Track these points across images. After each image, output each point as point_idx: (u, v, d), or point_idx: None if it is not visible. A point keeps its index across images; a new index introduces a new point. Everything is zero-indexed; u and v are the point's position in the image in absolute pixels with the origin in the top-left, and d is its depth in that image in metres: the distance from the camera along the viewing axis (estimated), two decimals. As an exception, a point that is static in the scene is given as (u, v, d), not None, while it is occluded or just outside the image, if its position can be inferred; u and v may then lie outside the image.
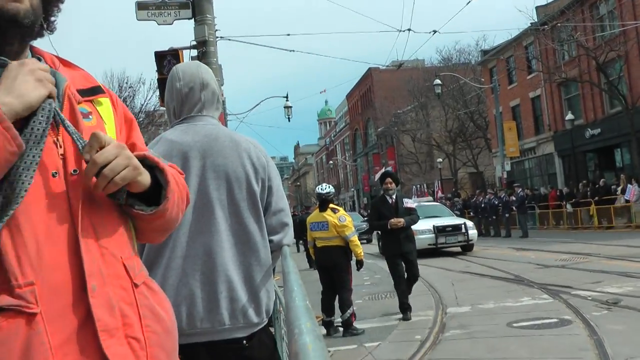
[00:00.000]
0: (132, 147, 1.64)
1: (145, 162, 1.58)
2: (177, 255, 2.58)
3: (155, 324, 1.56)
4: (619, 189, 26.98)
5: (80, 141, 1.47)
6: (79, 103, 1.57)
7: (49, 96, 1.43)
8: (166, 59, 11.73)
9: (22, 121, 1.37)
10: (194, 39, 12.32)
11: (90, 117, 1.59)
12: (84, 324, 1.40)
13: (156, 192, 1.61)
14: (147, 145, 2.53)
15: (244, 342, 2.62)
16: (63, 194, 1.44)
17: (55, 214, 1.41)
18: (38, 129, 1.39)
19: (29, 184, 1.36)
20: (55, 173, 1.43)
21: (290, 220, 2.92)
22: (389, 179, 10.16)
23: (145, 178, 1.55)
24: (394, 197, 10.07)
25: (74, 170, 1.46)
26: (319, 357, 1.00)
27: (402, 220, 9.74)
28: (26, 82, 1.39)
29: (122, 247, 1.56)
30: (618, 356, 6.31)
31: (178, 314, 2.52)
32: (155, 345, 1.54)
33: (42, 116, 1.40)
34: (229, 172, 2.68)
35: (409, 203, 10.47)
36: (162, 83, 11.91)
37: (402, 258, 9.95)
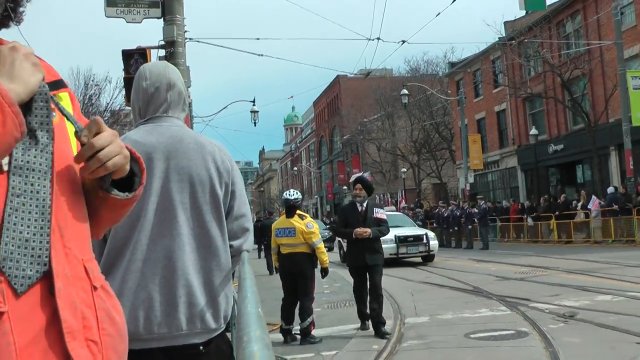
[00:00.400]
0: None
1: None
2: (137, 258, 2.52)
3: (110, 327, 1.54)
4: (579, 204, 27.43)
5: (77, 124, 1.48)
6: None
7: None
8: (133, 58, 11.61)
9: (23, 107, 1.34)
10: (162, 38, 12.22)
11: (54, 113, 1.52)
12: (50, 324, 1.37)
13: (124, 180, 1.61)
14: None
15: (201, 347, 2.58)
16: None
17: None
18: (41, 115, 1.40)
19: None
20: None
21: (251, 226, 2.89)
22: (358, 185, 9.58)
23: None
24: (364, 205, 9.43)
25: None
26: None
27: (368, 230, 9.06)
28: (25, 68, 1.37)
29: (84, 248, 1.54)
30: (573, 370, 6.36)
31: (135, 318, 2.48)
32: (110, 348, 1.52)
33: (41, 101, 1.40)
34: (193, 174, 2.63)
35: (380, 213, 9.60)
36: (128, 82, 11.79)
37: (366, 270, 9.30)
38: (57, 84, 1.62)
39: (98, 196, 1.58)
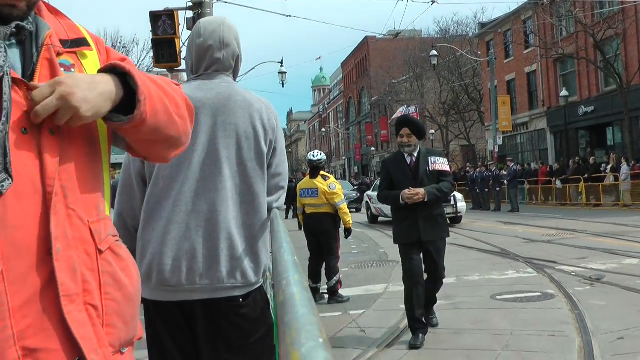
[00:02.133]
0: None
1: (116, 70, 1.52)
2: (181, 210, 2.59)
3: (115, 291, 1.53)
4: (609, 167, 27.14)
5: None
6: (60, 54, 1.52)
7: None
8: (161, 20, 11.62)
9: None
10: (190, 0, 12.22)
11: (73, 69, 1.53)
12: (46, 287, 1.37)
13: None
14: None
15: (240, 300, 2.65)
16: (34, 151, 1.39)
17: (24, 172, 1.36)
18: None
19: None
20: (25, 130, 1.38)
21: (286, 185, 2.94)
22: (405, 130, 6.61)
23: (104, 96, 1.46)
24: (414, 155, 6.64)
25: (51, 131, 1.41)
26: (306, 306, 1.01)
27: (421, 191, 6.32)
28: None
29: (91, 210, 1.52)
30: (598, 330, 6.40)
31: (179, 269, 2.57)
32: (113, 314, 1.52)
33: None
34: (240, 131, 2.68)
35: (439, 163, 6.70)
36: (156, 44, 11.82)
37: (421, 250, 6.60)
38: (79, 42, 1.61)
39: (109, 129, 1.59)
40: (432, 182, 6.47)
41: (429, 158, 6.63)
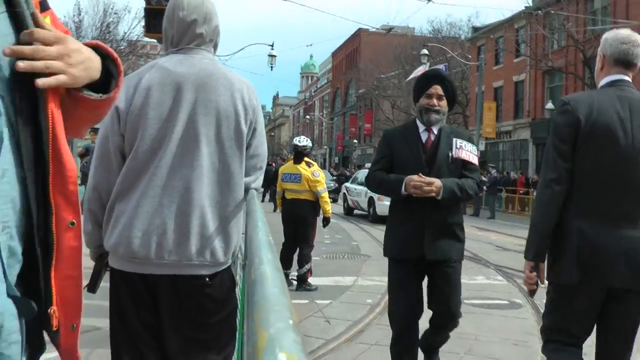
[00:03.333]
0: None
1: (99, 51, 1.58)
2: (155, 184, 2.55)
3: None
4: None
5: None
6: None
7: None
8: (155, -11, 11.43)
9: None
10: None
11: None
12: None
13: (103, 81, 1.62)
14: (140, 69, 2.64)
15: (207, 279, 2.62)
16: None
17: None
18: None
19: None
20: None
21: (264, 166, 2.92)
22: (437, 88, 4.52)
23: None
24: (434, 131, 4.57)
25: None
26: (277, 286, 0.96)
27: (436, 182, 4.27)
28: None
29: None
30: (562, 344, 6.40)
31: (148, 243, 2.53)
32: None
33: None
34: (220, 109, 2.64)
35: (467, 150, 4.55)
36: (148, 12, 11.64)
37: (423, 273, 4.56)
38: (43, 5, 1.60)
39: (71, 95, 1.56)
40: (453, 175, 4.39)
41: (455, 140, 4.47)
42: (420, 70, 33.30)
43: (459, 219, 4.60)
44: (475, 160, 4.57)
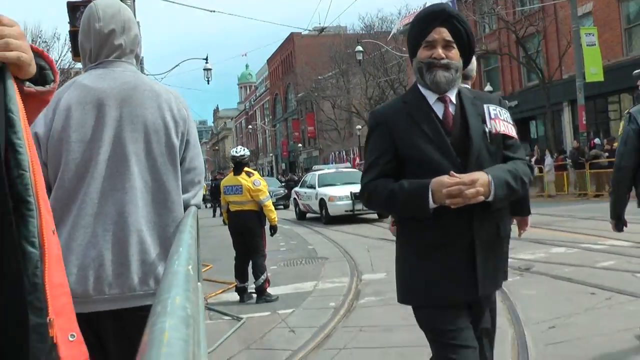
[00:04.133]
0: None
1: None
2: (87, 213, 2.34)
3: None
4: (533, 159, 27.88)
5: None
6: None
7: None
8: (79, 11, 11.16)
9: None
10: (108, -10, 11.77)
11: None
12: None
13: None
14: (59, 89, 2.39)
15: None
16: None
17: None
18: None
19: None
20: None
21: (202, 180, 2.74)
22: (442, 31, 2.84)
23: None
24: (452, 96, 2.94)
25: None
26: (174, 355, 0.74)
27: (480, 177, 2.67)
28: None
29: None
30: (529, 320, 6.35)
31: (85, 278, 2.31)
32: None
33: None
34: (148, 123, 2.46)
35: (503, 120, 2.97)
36: (74, 36, 11.34)
37: (468, 315, 2.90)
38: None
39: (21, 92, 1.51)
40: (495, 162, 2.88)
41: (487, 108, 2.96)
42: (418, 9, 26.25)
43: (510, 226, 3.17)
44: (515, 133, 3.07)
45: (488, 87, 34.66)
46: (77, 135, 2.38)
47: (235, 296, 9.07)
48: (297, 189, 26.39)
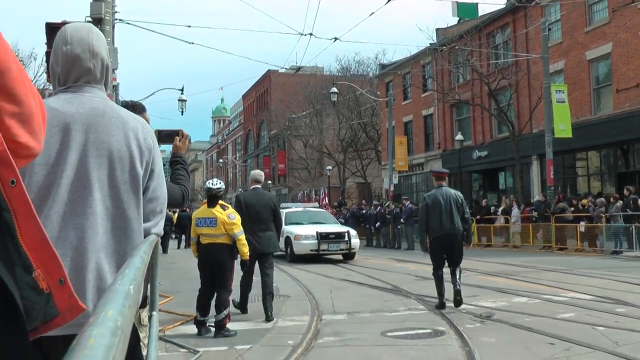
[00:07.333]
0: None
1: None
2: None
3: None
4: (500, 209, 28.18)
5: None
6: None
7: None
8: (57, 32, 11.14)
9: None
10: (89, 14, 11.79)
11: None
12: None
13: None
14: None
15: None
16: None
17: None
18: None
19: None
20: None
21: (164, 210, 2.71)
22: None
23: None
24: None
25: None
26: (95, 357, 0.77)
27: None
28: None
29: None
30: (488, 370, 6.33)
31: None
32: None
33: None
34: (113, 150, 2.43)
35: None
36: (50, 57, 11.30)
37: None
38: None
39: None
40: None
41: None
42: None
43: None
44: None
45: (459, 137, 35.02)
46: (41, 158, 2.33)
47: (193, 329, 8.91)
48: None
